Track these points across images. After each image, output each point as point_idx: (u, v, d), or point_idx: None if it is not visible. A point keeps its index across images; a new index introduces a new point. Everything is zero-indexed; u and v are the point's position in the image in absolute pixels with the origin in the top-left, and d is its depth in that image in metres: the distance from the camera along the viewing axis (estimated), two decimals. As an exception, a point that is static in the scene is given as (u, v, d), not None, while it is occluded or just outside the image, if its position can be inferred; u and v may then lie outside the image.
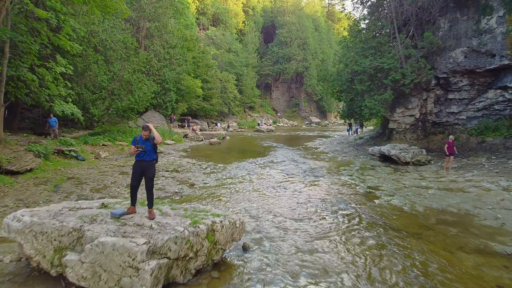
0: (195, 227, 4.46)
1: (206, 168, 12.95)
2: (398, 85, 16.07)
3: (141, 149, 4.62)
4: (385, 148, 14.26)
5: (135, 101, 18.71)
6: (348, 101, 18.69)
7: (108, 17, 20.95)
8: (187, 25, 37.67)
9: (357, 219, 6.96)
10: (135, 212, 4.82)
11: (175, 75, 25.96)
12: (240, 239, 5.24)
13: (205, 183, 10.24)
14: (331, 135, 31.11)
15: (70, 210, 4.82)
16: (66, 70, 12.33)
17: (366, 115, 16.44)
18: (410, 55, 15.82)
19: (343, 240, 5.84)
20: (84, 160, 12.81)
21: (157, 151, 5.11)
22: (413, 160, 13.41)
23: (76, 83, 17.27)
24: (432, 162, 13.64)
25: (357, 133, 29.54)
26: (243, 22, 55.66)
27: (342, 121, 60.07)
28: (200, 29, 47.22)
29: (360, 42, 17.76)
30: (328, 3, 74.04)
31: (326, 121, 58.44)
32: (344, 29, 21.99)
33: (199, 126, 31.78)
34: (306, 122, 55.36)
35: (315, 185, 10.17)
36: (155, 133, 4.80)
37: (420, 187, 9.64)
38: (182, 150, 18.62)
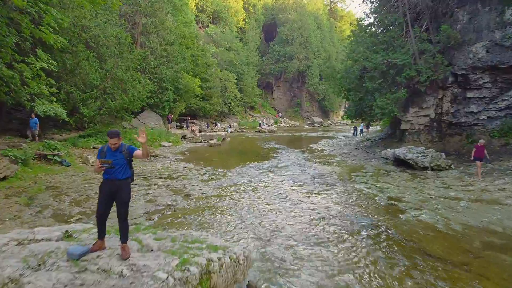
0: (184, 270, 3.26)
1: (204, 174, 11.74)
2: (412, 83, 14.87)
3: (107, 165, 3.41)
4: (400, 152, 13.04)
5: (129, 101, 17.50)
6: (357, 100, 17.47)
7: (101, 12, 19.85)
8: (185, 22, 36.42)
9: (385, 242, 5.75)
10: (104, 248, 3.60)
11: (173, 74, 24.74)
12: (244, 279, 4.04)
13: (202, 193, 9.02)
14: (336, 136, 29.89)
15: (18, 244, 3.61)
16: (48, 66, 11.11)
17: (377, 115, 15.22)
18: (425, 50, 14.59)
19: (374, 274, 4.63)
20: (70, 165, 11.60)
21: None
22: (431, 165, 12.19)
23: (66, 81, 16.09)
24: (453, 167, 12.41)
25: (362, 134, 28.33)
26: (244, 19, 54.41)
27: (345, 121, 58.73)
28: (199, 27, 46.00)
29: (370, 36, 16.51)
30: (330, 0, 72.79)
31: (328, 121, 57.24)
32: (350, 25, 20.70)
33: (198, 127, 30.59)
34: (309, 122, 54.14)
35: (327, 195, 8.95)
36: (144, 148, 3.53)
37: (448, 198, 8.42)
38: (179, 153, 17.42)
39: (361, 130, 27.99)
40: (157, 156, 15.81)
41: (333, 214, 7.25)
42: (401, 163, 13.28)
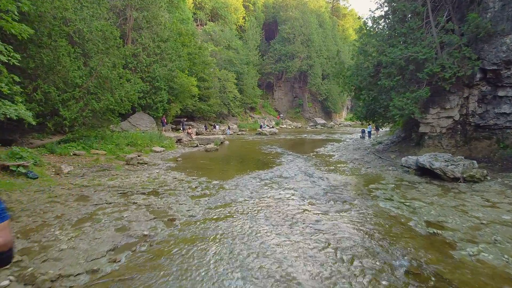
0: None
1: (196, 187, 9.93)
2: (435, 80, 13.07)
3: None
4: (425, 160, 11.22)
5: (115, 101, 15.70)
6: (370, 100, 15.65)
7: (88, 5, 18.17)
8: (182, 19, 34.82)
9: (447, 305, 3.93)
10: None
11: (167, 72, 22.95)
12: None
13: (190, 216, 7.21)
14: (342, 139, 28.03)
15: None
16: (8, 60, 9.30)
17: (395, 117, 13.39)
18: (450, 42, 12.78)
19: None
20: (37, 177, 9.81)
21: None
22: (464, 175, 10.36)
23: (43, 79, 14.37)
24: (488, 178, 10.60)
25: (369, 137, 26.52)
26: (243, 17, 52.69)
27: (349, 122, 57.22)
28: (197, 25, 44.27)
29: (385, 28, 14.71)
30: (332, -2, 71.05)
31: (331, 122, 55.41)
32: (359, 18, 18.95)
33: (195, 129, 28.81)
34: (311, 124, 52.35)
35: (347, 218, 7.13)
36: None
37: (505, 225, 6.59)
38: (172, 160, 15.63)
39: (369, 132, 26.16)
40: (145, 164, 14.01)
41: (362, 251, 5.43)
42: (425, 172, 11.48)
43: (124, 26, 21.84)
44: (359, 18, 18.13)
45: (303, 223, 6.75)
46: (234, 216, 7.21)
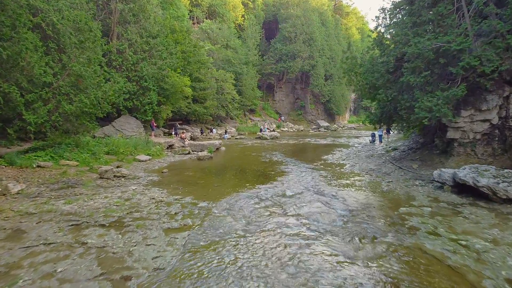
0: None
1: (176, 213, 7.66)
2: (471, 75, 10.82)
3: None
4: (467, 175, 8.93)
5: (91, 103, 13.47)
6: (387, 100, 13.37)
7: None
8: (177, 16, 32.66)
9: None
10: None
11: (156, 71, 20.71)
12: None
13: (155, 269, 4.94)
14: (350, 144, 25.70)
15: None
16: None
17: (423, 121, 11.10)
18: (490, 29, 10.53)
19: None
20: (-32, 202, 7.56)
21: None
22: (521, 196, 8.08)
23: (3, 77, 12.17)
24: (551, 199, 8.30)
25: (380, 141, 24.22)
26: (242, 16, 50.56)
27: (353, 124, 55.01)
28: (193, 23, 42.15)
29: (408, 14, 12.47)
30: (335, -4, 68.90)
31: (335, 125, 53.11)
32: (370, 9, 16.52)
33: (190, 134, 26.56)
34: (314, 127, 50.10)
35: (385, 274, 4.83)
36: None
37: None
38: (156, 171, 13.37)
39: (380, 136, 23.85)
40: (123, 177, 11.75)
41: None
42: (464, 189, 9.21)
43: (108, 20, 19.67)
44: (370, 9, 15.99)
45: (316, 278, 4.45)
46: (220, 268, 4.94)
